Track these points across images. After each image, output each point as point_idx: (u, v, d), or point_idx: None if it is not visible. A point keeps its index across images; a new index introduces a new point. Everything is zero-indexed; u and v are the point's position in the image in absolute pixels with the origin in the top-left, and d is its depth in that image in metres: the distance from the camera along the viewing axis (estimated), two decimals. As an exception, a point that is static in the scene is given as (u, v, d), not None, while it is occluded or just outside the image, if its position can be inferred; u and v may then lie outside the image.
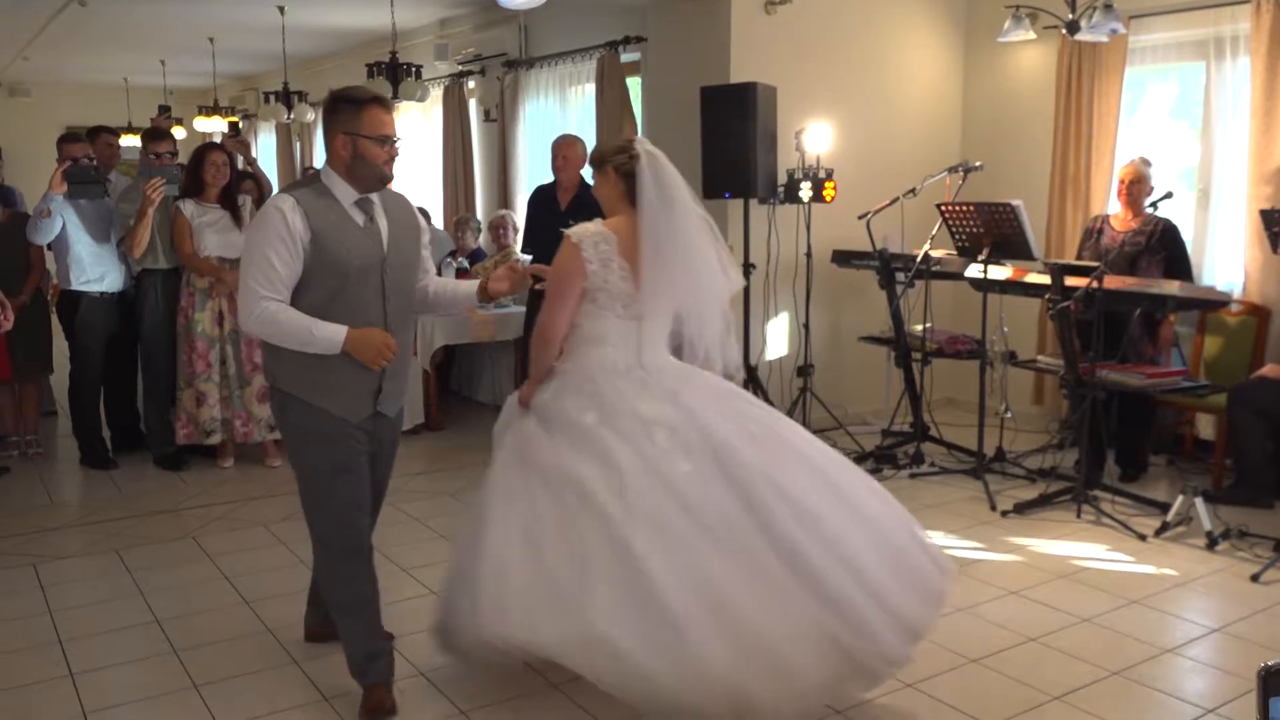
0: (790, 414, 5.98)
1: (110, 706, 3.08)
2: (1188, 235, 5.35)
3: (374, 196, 2.90)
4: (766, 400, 5.79)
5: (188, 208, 5.35)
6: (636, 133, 6.80)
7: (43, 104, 13.06)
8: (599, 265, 2.86)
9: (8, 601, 3.87)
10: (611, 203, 2.99)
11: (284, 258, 2.75)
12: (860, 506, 2.88)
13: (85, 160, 5.51)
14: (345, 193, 2.84)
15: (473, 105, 8.66)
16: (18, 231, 5.54)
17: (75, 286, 5.51)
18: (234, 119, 11.53)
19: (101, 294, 5.55)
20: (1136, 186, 5.13)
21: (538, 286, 3.05)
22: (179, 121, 11.66)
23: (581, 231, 2.88)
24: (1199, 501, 4.38)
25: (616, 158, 2.95)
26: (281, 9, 8.26)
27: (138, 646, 3.49)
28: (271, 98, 9.64)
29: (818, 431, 6.01)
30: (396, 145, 2.87)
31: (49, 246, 5.57)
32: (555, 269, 2.93)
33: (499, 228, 7.19)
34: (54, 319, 5.90)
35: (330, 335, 2.78)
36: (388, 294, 2.90)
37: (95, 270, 5.51)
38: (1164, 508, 4.60)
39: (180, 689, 3.18)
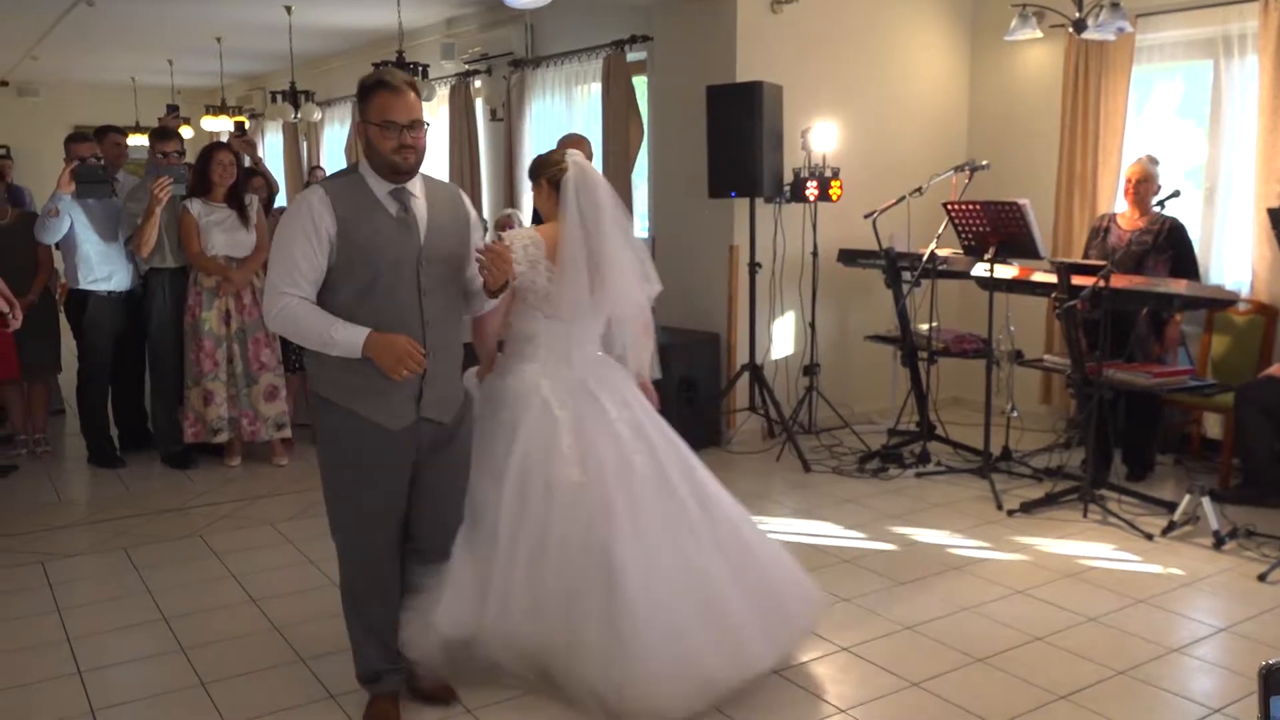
0: (796, 413, 6.02)
1: (118, 704, 3.09)
2: (1195, 234, 5.34)
3: (413, 187, 2.73)
4: (772, 400, 5.80)
5: (195, 207, 5.36)
6: (643, 132, 6.80)
7: (51, 104, 13.11)
8: (527, 267, 3.00)
9: (16, 599, 3.89)
10: (547, 212, 3.17)
11: (307, 251, 2.61)
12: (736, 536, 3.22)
13: (93, 160, 5.53)
14: (378, 183, 2.69)
15: (479, 104, 8.67)
16: (26, 231, 5.56)
17: (83, 285, 5.53)
18: (241, 119, 11.55)
19: (109, 293, 5.57)
20: (1144, 186, 5.12)
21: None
22: (186, 121, 11.69)
23: (513, 235, 3.04)
24: (1206, 501, 4.37)
25: (548, 170, 3.15)
26: (289, 8, 8.28)
27: (145, 644, 3.51)
28: (278, 97, 9.65)
29: (824, 430, 6.07)
30: (410, 132, 2.65)
31: (57, 246, 5.59)
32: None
33: (505, 227, 7.17)
34: (62, 318, 5.92)
35: (349, 338, 2.60)
36: (424, 289, 2.71)
37: (103, 269, 5.53)
38: (1171, 507, 4.59)
39: (187, 686, 3.19)
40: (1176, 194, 4.83)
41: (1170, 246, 5.07)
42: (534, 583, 2.90)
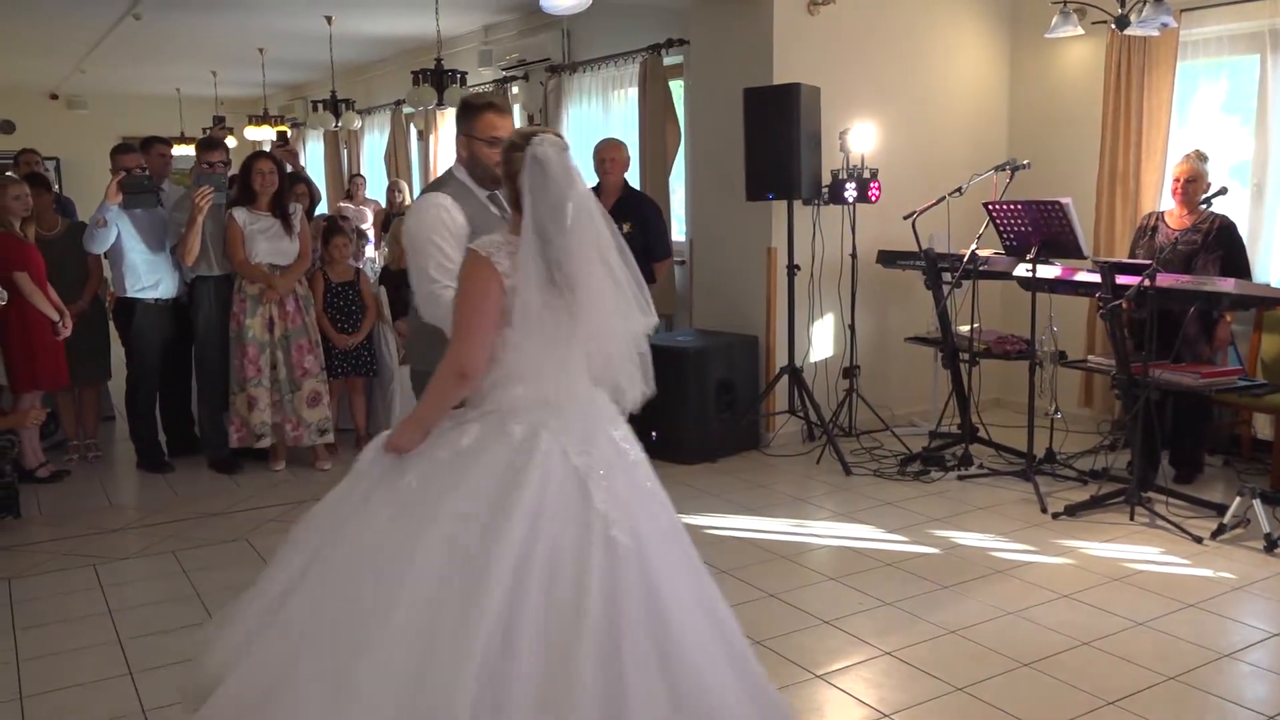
0: (836, 416, 5.99)
1: (168, 705, 3.14)
2: (1242, 231, 5.24)
3: (500, 193, 3.01)
4: (811, 403, 5.78)
5: (239, 215, 5.44)
6: (680, 136, 6.80)
7: (99, 116, 13.37)
8: (518, 279, 2.34)
9: (70, 601, 3.97)
10: (513, 204, 2.46)
11: (454, 248, 2.86)
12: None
13: (138, 171, 5.64)
14: (477, 189, 3.05)
15: (517, 110, 8.73)
16: (75, 241, 5.68)
17: (131, 294, 5.63)
18: (282, 128, 11.71)
19: (156, 301, 5.67)
20: (1192, 185, 5.02)
21: None
22: (230, 131, 11.89)
23: (488, 242, 2.39)
24: (1257, 503, 4.29)
25: (508, 154, 2.41)
26: (329, 18, 8.39)
27: (195, 646, 3.55)
28: (320, 106, 9.79)
29: (864, 433, 6.04)
30: None
31: (105, 255, 5.71)
32: (464, 289, 2.39)
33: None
34: (111, 326, 6.04)
35: None
36: None
37: (150, 278, 5.63)
38: (1221, 509, 4.51)
39: (236, 688, 3.24)
40: (1224, 191, 4.74)
41: (1220, 246, 4.98)
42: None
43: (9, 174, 5.97)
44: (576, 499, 2.26)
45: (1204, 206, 4.89)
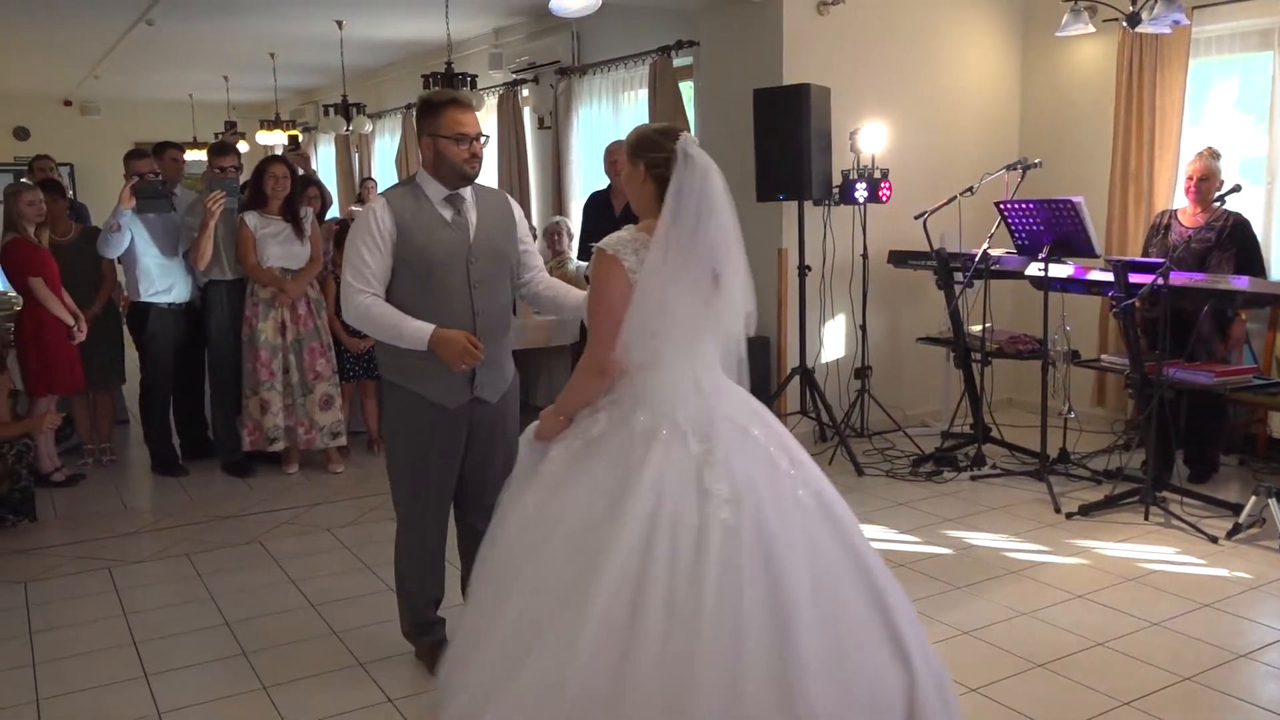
0: (848, 417, 5.97)
1: (183, 707, 3.16)
2: (1256, 229, 5.21)
3: (465, 193, 3.07)
4: (823, 404, 5.77)
5: (251, 220, 5.47)
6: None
7: (112, 122, 13.45)
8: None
9: (85, 604, 4.00)
10: (642, 202, 2.55)
11: (374, 253, 2.97)
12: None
13: (151, 176, 5.67)
14: (435, 190, 3.04)
15: (527, 113, 8.75)
16: (89, 246, 5.71)
17: (144, 298, 5.66)
18: (294, 132, 11.76)
19: (169, 305, 5.70)
20: (1205, 184, 5.00)
21: None
22: (242, 136, 11.94)
23: (614, 240, 2.49)
24: (1273, 502, 4.26)
25: (649, 154, 2.49)
26: (340, 23, 8.43)
27: (208, 648, 3.58)
28: (331, 110, 9.83)
29: (876, 434, 6.02)
30: (479, 142, 3.01)
31: (119, 260, 5.74)
32: (596, 288, 2.52)
33: (554, 235, 7.24)
34: (125, 330, 6.07)
35: (416, 333, 2.94)
36: (473, 283, 3.04)
37: (163, 282, 5.66)
38: (1236, 509, 4.49)
39: (250, 690, 3.25)
40: (1237, 189, 4.73)
41: (1234, 243, 4.95)
42: (678, 663, 2.23)
43: (23, 180, 6.02)
44: (693, 482, 2.36)
45: (1217, 204, 4.87)
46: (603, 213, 5.71)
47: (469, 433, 3.15)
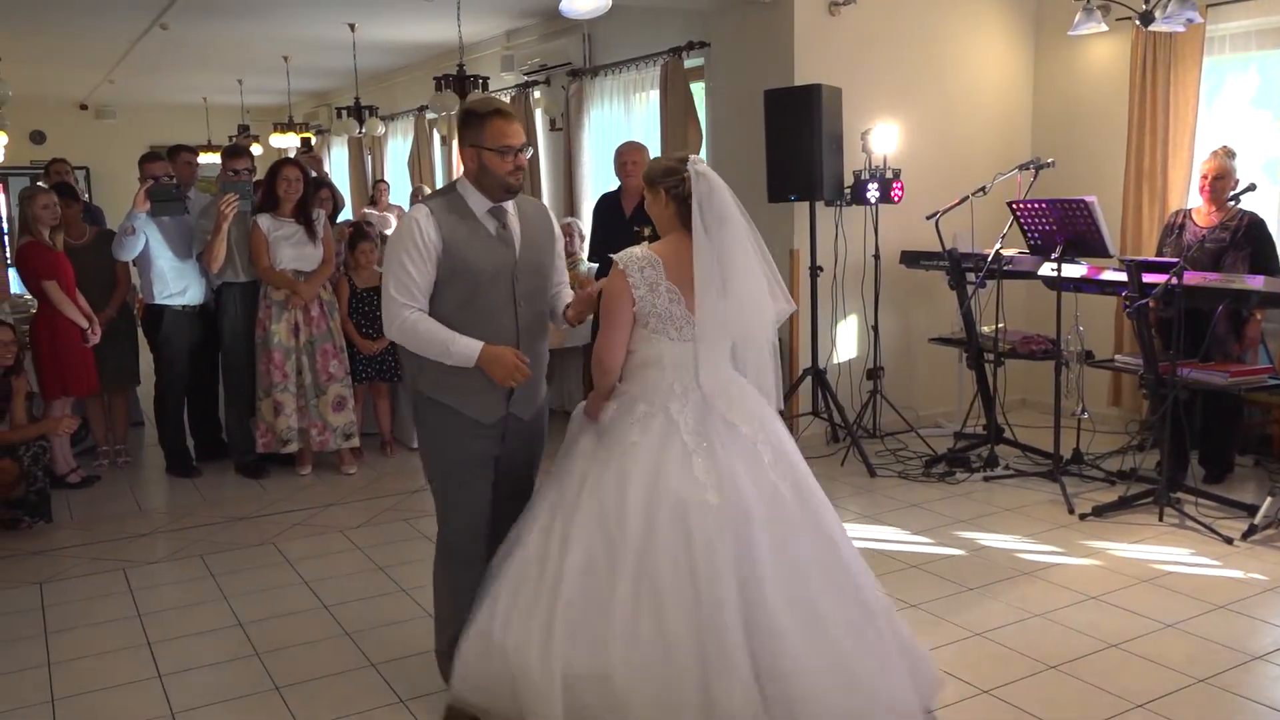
0: (860, 418, 5.96)
1: (196, 707, 3.18)
2: (1272, 228, 5.17)
3: (508, 205, 2.96)
4: (835, 404, 5.76)
5: (264, 222, 5.49)
6: (701, 138, 6.81)
7: (127, 125, 13.54)
8: (646, 290, 2.80)
9: (100, 605, 4.02)
10: (664, 223, 2.91)
11: (419, 266, 2.84)
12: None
13: (166, 179, 5.70)
14: (479, 202, 2.91)
15: (539, 115, 8.76)
16: (104, 249, 5.75)
17: (159, 301, 5.69)
18: (307, 135, 11.81)
19: (184, 307, 5.73)
20: (1220, 183, 4.97)
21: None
22: (256, 139, 12.00)
23: (628, 257, 2.84)
24: (1288, 503, 4.24)
25: (667, 180, 2.84)
26: (353, 26, 8.46)
27: (222, 649, 3.60)
28: (343, 113, 9.87)
29: (888, 434, 6.01)
30: (524, 153, 2.90)
31: (134, 262, 5.77)
32: (605, 295, 2.89)
33: (565, 235, 7.23)
34: (139, 332, 6.11)
35: (465, 350, 2.83)
36: (519, 299, 2.95)
37: (177, 284, 5.69)
38: (1251, 510, 4.46)
39: (262, 690, 3.27)
40: (1252, 187, 4.70)
41: (1249, 243, 4.92)
42: (657, 614, 2.61)
43: (38, 184, 6.06)
44: (683, 467, 2.72)
45: (1232, 203, 4.84)
46: (613, 214, 5.71)
47: (501, 448, 3.04)
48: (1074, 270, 5.06)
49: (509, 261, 2.93)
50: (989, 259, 5.27)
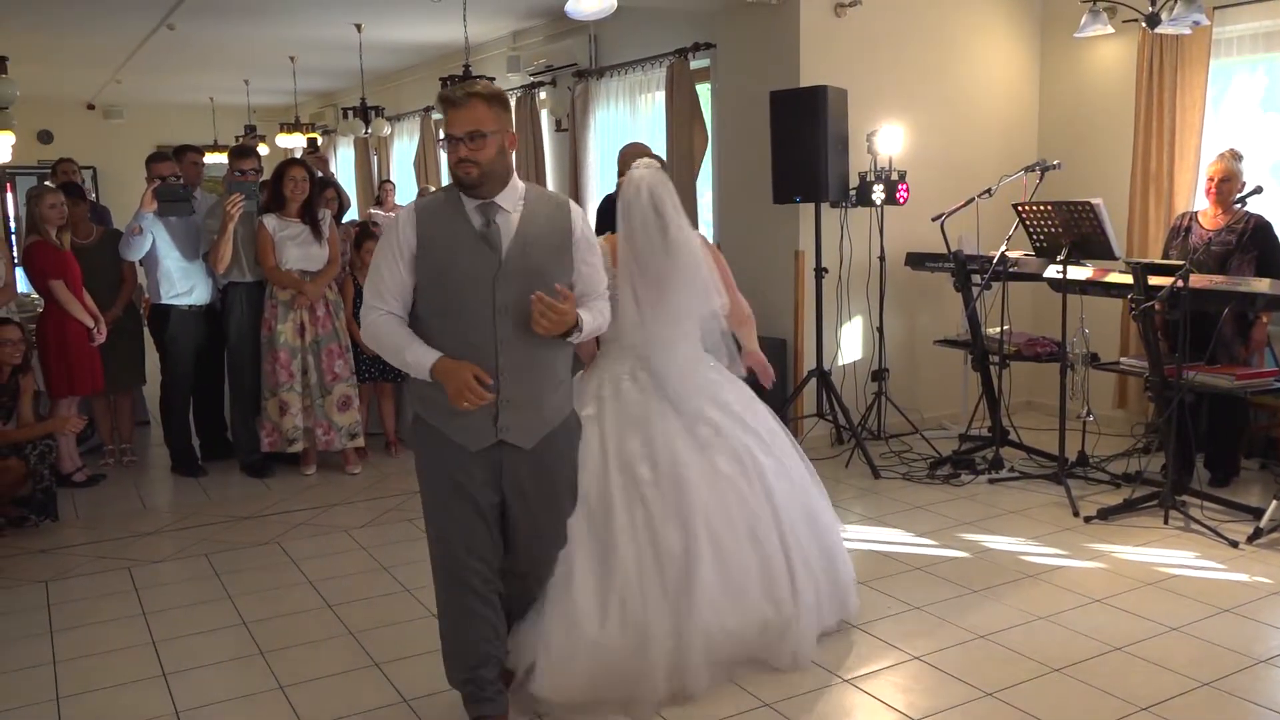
0: (865, 419, 5.96)
1: (201, 706, 3.18)
2: (1278, 231, 5.15)
3: (505, 201, 2.68)
4: (840, 406, 5.75)
5: (269, 222, 5.50)
6: (706, 139, 6.81)
7: (134, 125, 13.55)
8: (606, 273, 3.00)
9: (106, 603, 4.03)
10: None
11: (390, 266, 2.67)
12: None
13: (173, 179, 5.71)
14: (469, 198, 2.68)
15: (544, 116, 8.76)
16: (110, 249, 5.77)
17: (165, 300, 5.71)
18: (313, 135, 11.82)
19: (190, 307, 5.74)
20: (1226, 185, 4.95)
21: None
22: (262, 139, 12.01)
23: None
24: (1294, 507, 4.23)
25: (620, 179, 3.26)
26: (359, 26, 8.47)
27: (226, 648, 3.61)
28: (349, 113, 9.87)
29: (893, 436, 6.00)
30: (469, 144, 2.59)
31: (140, 262, 5.79)
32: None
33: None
34: (145, 332, 6.12)
35: (418, 360, 2.62)
36: (499, 307, 2.65)
37: (184, 284, 5.71)
38: (1257, 513, 4.44)
39: (266, 690, 3.27)
40: (1259, 190, 4.68)
41: (1255, 245, 4.90)
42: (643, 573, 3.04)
43: (46, 184, 6.08)
44: (625, 435, 3.15)
45: (1238, 206, 4.83)
46: (615, 216, 5.70)
47: (504, 483, 2.76)
48: (1079, 272, 5.06)
49: (491, 264, 2.64)
50: (994, 261, 5.26)
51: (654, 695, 2.99)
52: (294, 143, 11.47)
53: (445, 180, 10.62)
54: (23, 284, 6.22)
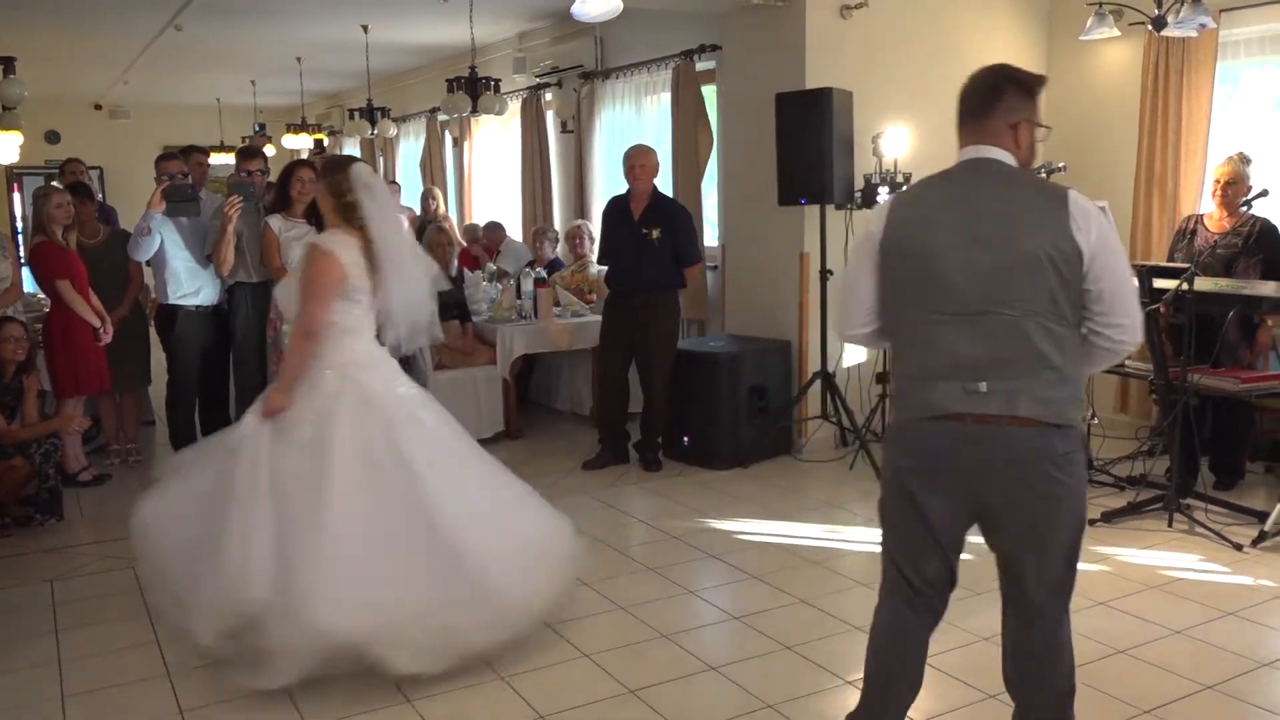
0: (869, 422, 5.95)
1: (204, 705, 3.20)
2: (1286, 234, 5.15)
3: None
4: (844, 408, 5.75)
5: (275, 223, 5.50)
6: (712, 141, 6.82)
7: (141, 125, 13.59)
8: (355, 268, 3.39)
9: (111, 603, 4.05)
10: (332, 215, 3.50)
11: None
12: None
13: (181, 178, 5.73)
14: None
15: (550, 117, 8.77)
16: (117, 248, 5.78)
17: (172, 301, 5.71)
18: (320, 136, 11.85)
19: (197, 308, 5.75)
20: (1233, 188, 4.94)
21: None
22: (269, 139, 12.04)
23: (331, 241, 3.41)
24: (1299, 511, 4.22)
25: (335, 175, 3.50)
26: (365, 27, 8.49)
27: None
28: (356, 114, 9.90)
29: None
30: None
31: (148, 262, 5.80)
32: (319, 273, 3.38)
33: (576, 238, 7.27)
34: (152, 332, 6.14)
35: None
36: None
37: (191, 285, 5.72)
38: (1262, 516, 4.44)
39: (270, 689, 3.27)
40: (1265, 193, 4.68)
41: (1261, 249, 4.90)
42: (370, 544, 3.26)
43: (52, 184, 6.10)
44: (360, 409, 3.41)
45: (1244, 209, 4.82)
46: (621, 217, 5.72)
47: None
48: (1084, 275, 5.04)
49: None
50: (999, 263, 5.24)
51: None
52: (300, 143, 11.50)
53: (451, 182, 10.65)
54: (29, 283, 6.24)
